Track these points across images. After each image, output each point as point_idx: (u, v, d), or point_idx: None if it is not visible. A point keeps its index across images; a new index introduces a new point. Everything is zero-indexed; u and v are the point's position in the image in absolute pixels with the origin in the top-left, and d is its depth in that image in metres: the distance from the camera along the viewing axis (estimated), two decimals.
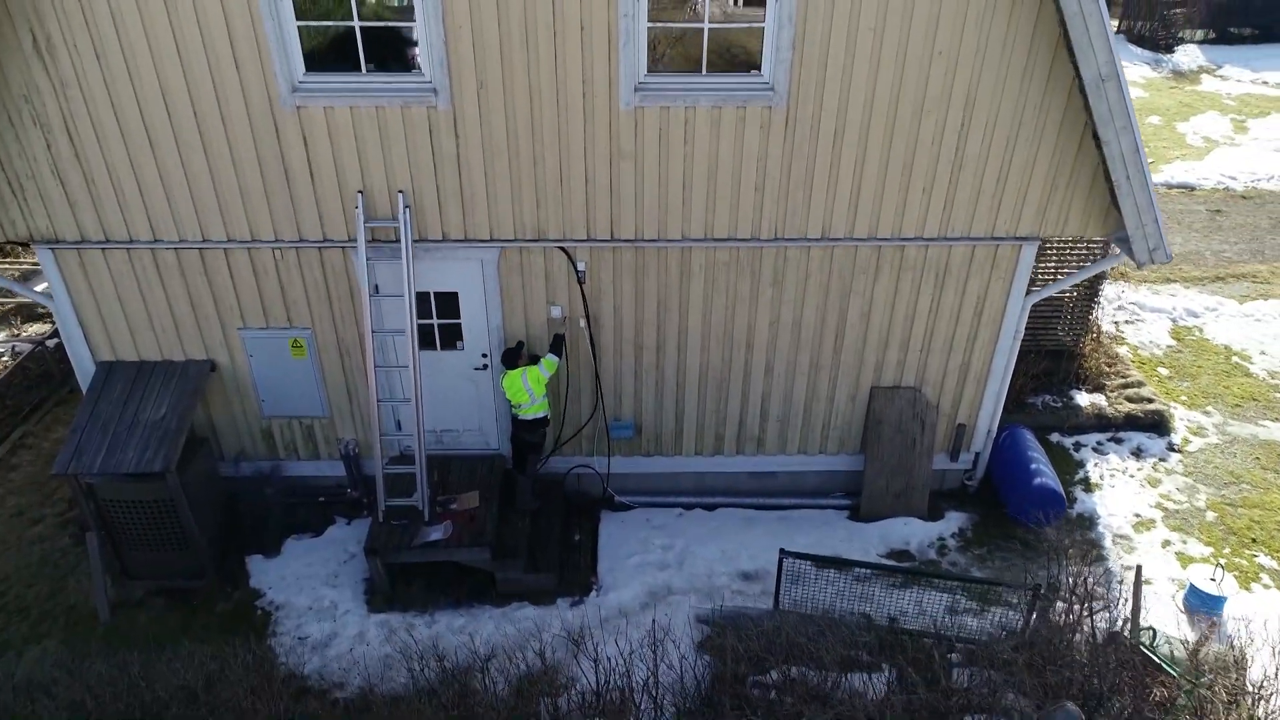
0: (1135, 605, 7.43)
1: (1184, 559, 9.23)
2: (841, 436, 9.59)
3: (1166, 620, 8.27)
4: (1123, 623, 7.66)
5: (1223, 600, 8.47)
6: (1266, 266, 14.62)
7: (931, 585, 8.36)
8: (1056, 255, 10.72)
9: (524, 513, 9.12)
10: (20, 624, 8.55)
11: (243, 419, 9.25)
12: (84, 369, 8.82)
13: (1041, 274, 10.53)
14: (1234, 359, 12.31)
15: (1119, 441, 10.80)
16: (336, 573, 9.01)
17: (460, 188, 7.93)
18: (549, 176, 7.89)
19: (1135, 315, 13.19)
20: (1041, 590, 7.53)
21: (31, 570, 9.15)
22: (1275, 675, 6.88)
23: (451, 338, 8.90)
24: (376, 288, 8.35)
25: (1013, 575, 8.96)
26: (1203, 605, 8.52)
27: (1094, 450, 10.70)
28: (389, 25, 7.46)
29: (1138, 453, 10.65)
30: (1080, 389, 11.33)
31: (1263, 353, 12.40)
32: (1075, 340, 11.40)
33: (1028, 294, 8.73)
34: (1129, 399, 11.11)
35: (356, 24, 7.25)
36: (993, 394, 9.34)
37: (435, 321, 8.76)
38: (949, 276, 8.58)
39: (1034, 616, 7.73)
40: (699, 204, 8.06)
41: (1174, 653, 7.58)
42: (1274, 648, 7.00)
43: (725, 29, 7.47)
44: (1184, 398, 11.55)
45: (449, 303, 8.69)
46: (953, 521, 9.69)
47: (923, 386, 9.26)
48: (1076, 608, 7.43)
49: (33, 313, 13.35)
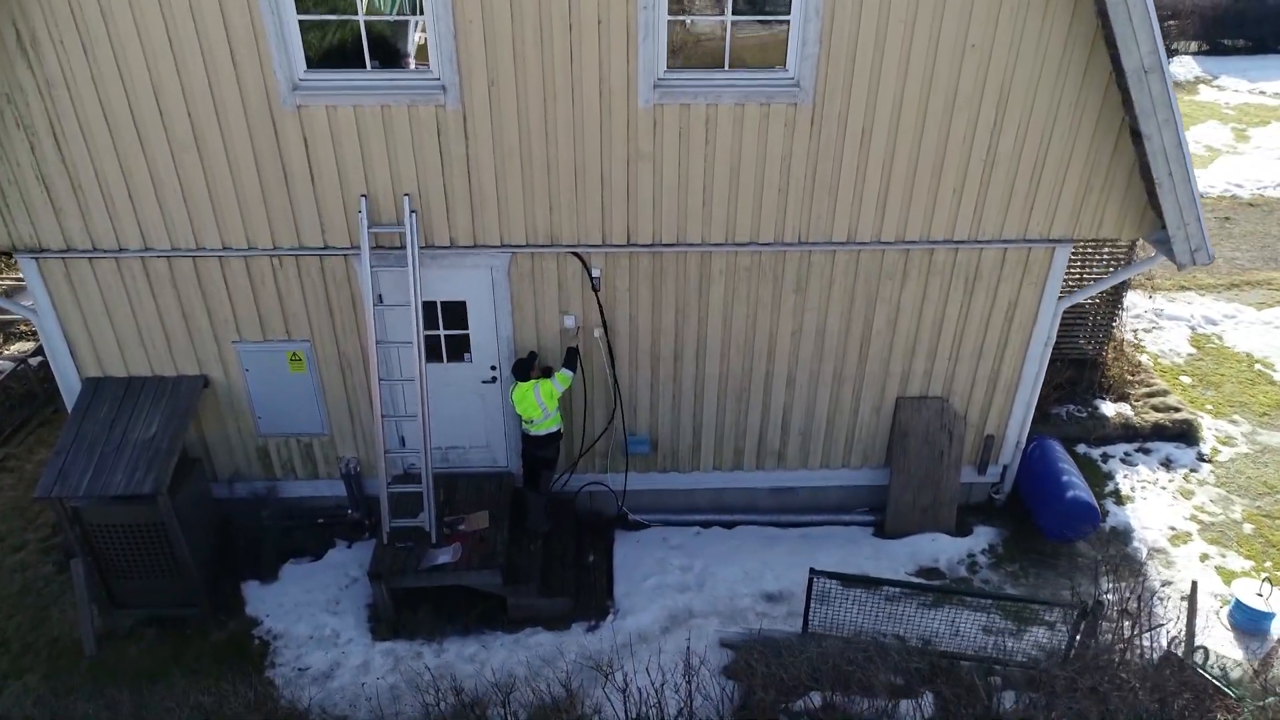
0: (1190, 623, 7.05)
1: (1224, 573, 8.86)
2: (865, 450, 9.19)
3: (1212, 638, 7.87)
4: (1173, 641, 7.27)
5: (1271, 616, 8.09)
6: None
7: (969, 605, 7.96)
8: (1081, 260, 10.40)
9: (535, 534, 8.67)
10: (1, 658, 8.01)
11: (237, 437, 8.77)
12: (69, 386, 8.34)
13: (1065, 279, 10.19)
14: (1256, 366, 12.01)
15: (1147, 452, 10.45)
16: (338, 599, 8.52)
17: (470, 191, 7.54)
18: (563, 178, 7.51)
19: (1153, 323, 12.90)
20: (1090, 608, 7.12)
21: (12, 600, 8.61)
22: None
23: (458, 349, 8.47)
24: (380, 297, 7.93)
25: (1050, 592, 8.57)
26: (1250, 621, 8.13)
27: (1122, 461, 10.35)
28: (395, 19, 7.09)
29: (1167, 464, 10.31)
30: (1104, 399, 10.99)
31: None
32: (1098, 349, 11.08)
33: (1060, 299, 8.39)
34: (1155, 408, 10.78)
35: (361, 17, 6.88)
36: (1023, 403, 8.98)
37: (442, 332, 8.34)
38: (979, 281, 8.23)
39: (1079, 636, 7.33)
40: (720, 207, 7.70)
41: (1227, 673, 7.20)
42: None
43: (749, 22, 7.13)
44: (1209, 407, 11.23)
45: (456, 313, 8.27)
46: (982, 537, 9.29)
47: (950, 396, 8.89)
48: (1127, 626, 7.04)
49: (15, 331, 12.84)
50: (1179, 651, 7.05)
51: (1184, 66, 24.72)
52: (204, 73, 6.93)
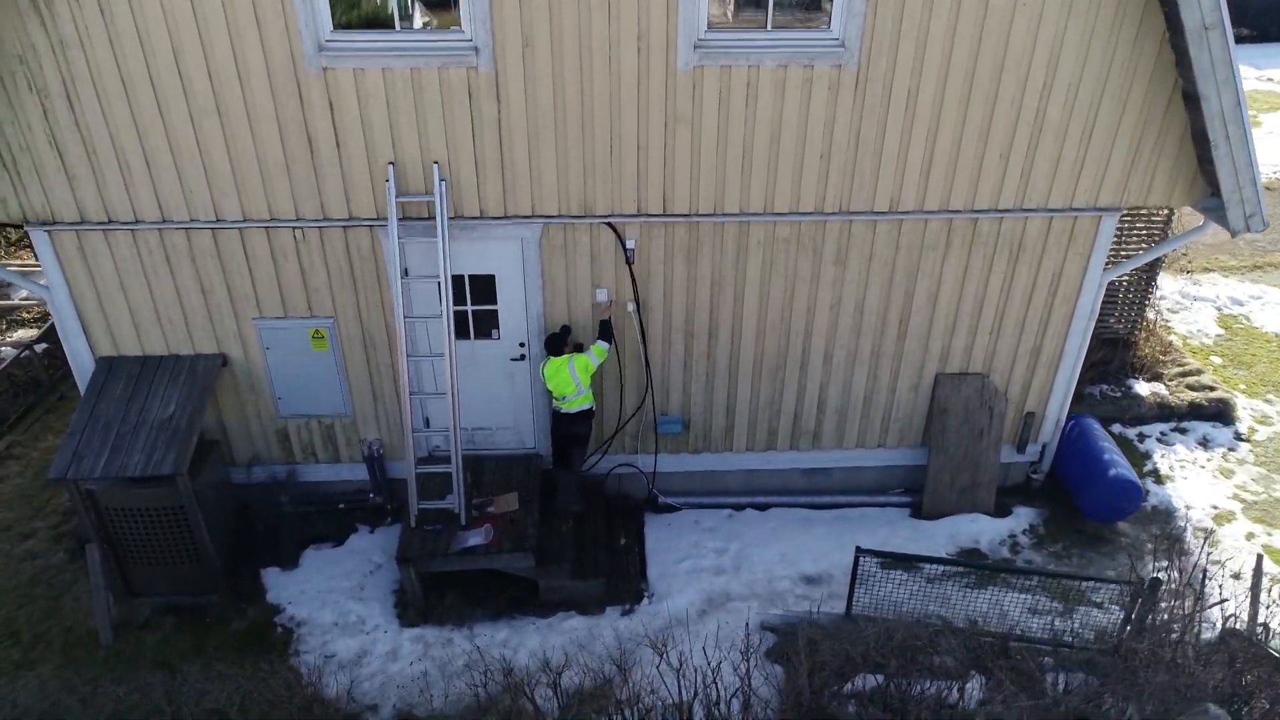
0: (1255, 599, 6.83)
1: (1272, 552, 8.65)
2: (902, 429, 8.95)
3: (1273, 616, 7.65)
4: (1229, 619, 7.05)
5: None
6: None
7: (1014, 585, 7.73)
8: (1117, 235, 10.17)
9: (566, 515, 8.39)
10: (11, 649, 7.69)
11: (256, 419, 8.47)
12: (82, 366, 8.02)
13: None
14: None
15: (1183, 432, 10.25)
16: (362, 585, 8.23)
17: (501, 158, 7.26)
18: (598, 145, 7.24)
19: (1179, 304, 12.71)
20: (1148, 585, 6.89)
21: (22, 590, 8.29)
22: None
23: (486, 326, 8.19)
24: (406, 270, 7.63)
25: (1096, 572, 8.33)
26: None
27: (1159, 441, 10.13)
28: None
29: (1205, 443, 10.10)
30: (1137, 378, 10.78)
31: None
32: (1130, 328, 10.86)
33: (1104, 270, 8.17)
34: (1190, 387, 10.58)
35: None
36: (1064, 380, 8.75)
37: (469, 308, 8.05)
38: (1023, 252, 7.99)
39: (1135, 615, 7.10)
40: (760, 175, 7.44)
41: None
42: None
43: None
44: (1242, 386, 11.03)
45: (485, 287, 7.99)
46: (1022, 518, 9.06)
47: (990, 373, 8.65)
48: (1185, 603, 6.81)
49: (17, 318, 12.50)
50: (1238, 628, 6.82)
51: None
52: (226, 33, 6.64)
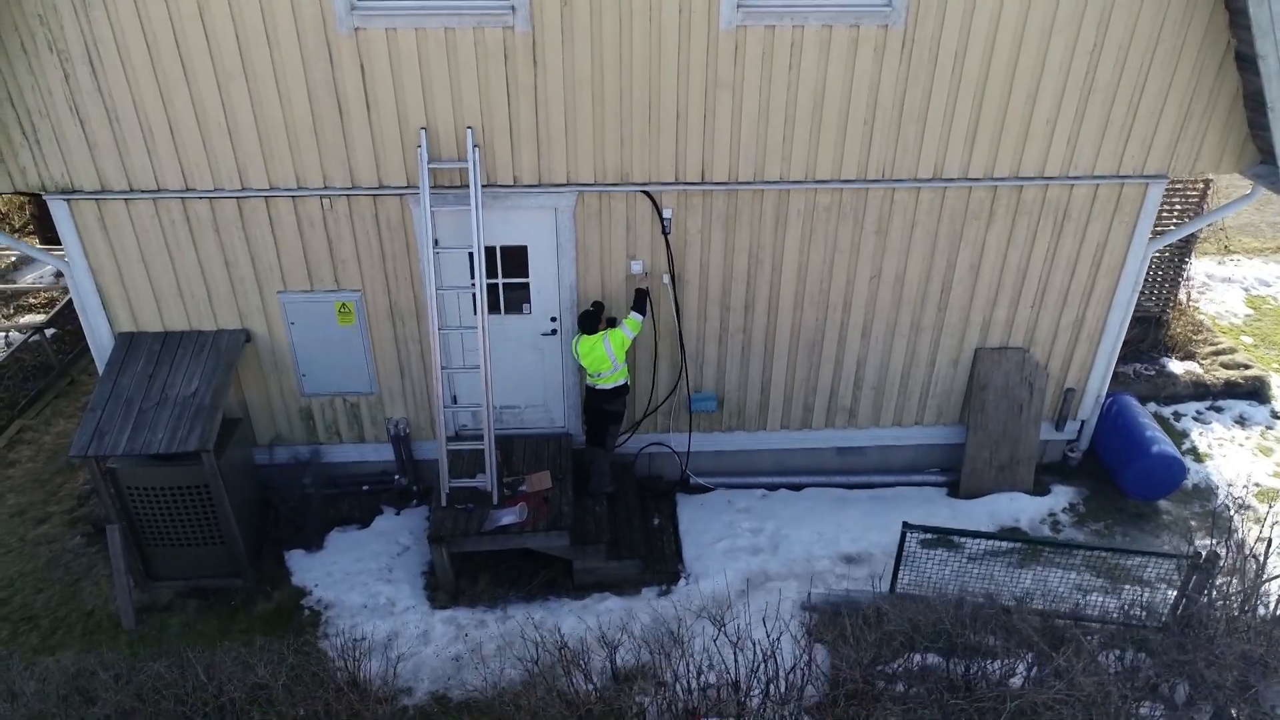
0: None
1: None
2: (940, 405, 8.76)
3: None
4: None
5: None
6: None
7: (1059, 564, 7.54)
8: None
9: (599, 494, 8.17)
10: (29, 634, 7.45)
11: (279, 398, 8.24)
12: (101, 342, 7.78)
13: None
14: None
15: (1219, 410, 10.08)
16: (390, 567, 8.00)
17: (536, 123, 7.05)
18: (636, 110, 7.03)
19: (1205, 285, 12.55)
20: (1205, 560, 6.71)
21: (39, 574, 8.05)
22: None
23: (517, 300, 7.98)
24: (436, 241, 7.41)
25: (1142, 549, 8.14)
26: None
27: (1195, 419, 9.96)
28: None
29: (1241, 421, 9.93)
30: (1170, 357, 10.61)
31: None
32: (1163, 307, 10.70)
33: (1149, 240, 7.99)
34: (1225, 365, 10.41)
35: None
36: (1106, 354, 8.57)
37: (500, 280, 7.84)
38: (1068, 221, 7.81)
39: (1190, 590, 6.92)
40: (801, 141, 7.24)
41: None
42: None
43: None
44: (1275, 365, 10.87)
45: (516, 259, 7.78)
46: (1061, 496, 8.88)
47: (1031, 347, 8.47)
48: (1245, 577, 6.63)
49: (24, 304, 12.24)
50: None
51: None
52: None
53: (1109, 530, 8.53)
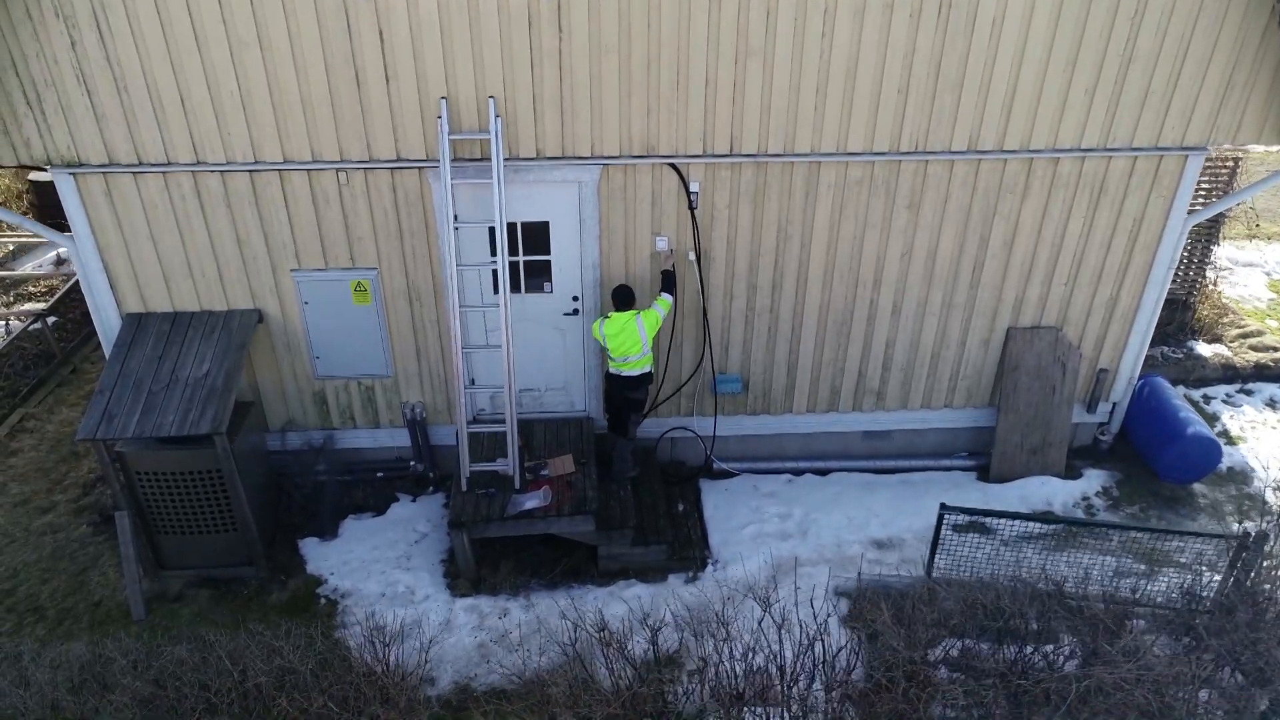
0: None
1: None
2: (970, 387, 8.54)
3: None
4: None
5: None
6: None
7: (1095, 549, 7.33)
8: None
9: (622, 480, 7.94)
10: (35, 625, 7.18)
11: (292, 381, 7.99)
12: (108, 323, 7.52)
13: None
14: None
15: (1249, 393, 9.89)
16: (408, 555, 7.76)
17: (561, 93, 6.81)
18: (664, 78, 6.80)
19: (1227, 269, 12.35)
20: (1253, 540, 6.50)
21: (44, 564, 7.78)
22: None
23: (538, 278, 7.74)
24: (455, 217, 7.17)
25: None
26: None
27: (1225, 402, 9.78)
28: None
29: (1272, 403, 9.75)
30: (1197, 340, 10.42)
31: None
32: (1189, 289, 10.50)
33: (1187, 215, 7.78)
34: (1253, 348, 10.23)
35: None
36: (1139, 334, 8.36)
37: (521, 258, 7.60)
38: (1104, 195, 7.60)
39: (1237, 571, 6.71)
40: (834, 111, 7.02)
41: None
42: None
43: None
44: None
45: (537, 236, 7.54)
46: (1093, 480, 8.67)
47: (1064, 326, 8.26)
48: None
49: (24, 292, 11.96)
50: None
51: None
52: None
53: (1144, 514, 8.33)
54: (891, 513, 8.17)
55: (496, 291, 7.52)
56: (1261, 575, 6.69)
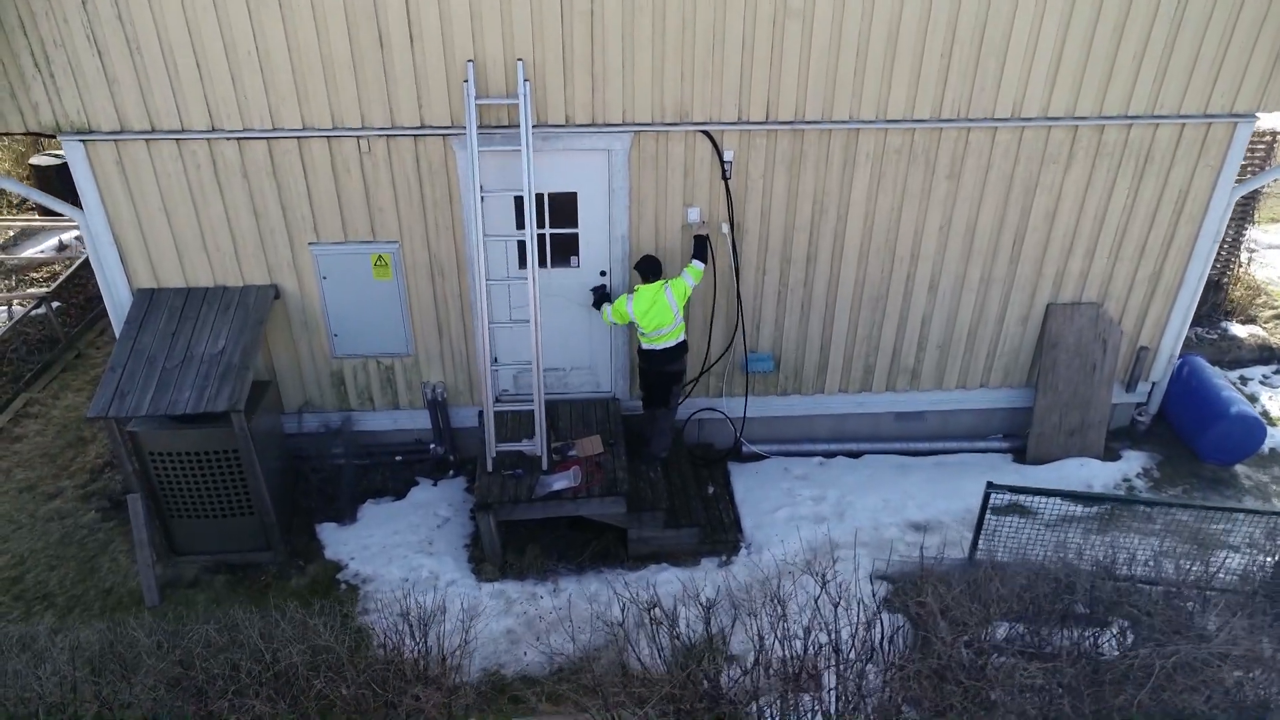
0: None
1: None
2: (1007, 366, 8.29)
3: None
4: None
5: None
6: None
7: (1138, 530, 7.08)
8: None
9: (653, 460, 7.67)
10: (44, 612, 6.90)
11: (309, 360, 7.71)
12: (119, 299, 7.23)
13: None
14: None
15: None
16: (430, 539, 7.49)
17: (592, 57, 6.55)
18: (699, 41, 6.54)
19: (1254, 251, 12.14)
20: None
21: (51, 551, 7.50)
22: None
23: (564, 252, 7.48)
24: (480, 186, 6.90)
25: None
26: None
27: (1262, 383, 9.55)
28: None
29: None
30: (1231, 320, 10.20)
31: None
32: (1222, 270, 10.27)
33: (1234, 186, 7.55)
34: None
35: None
36: (1182, 310, 8.12)
37: (548, 231, 7.33)
38: (1150, 164, 7.36)
39: None
40: (874, 76, 6.77)
41: None
42: None
43: None
44: None
45: (564, 208, 7.27)
46: (1133, 461, 8.43)
47: (1105, 302, 8.02)
48: None
49: (26, 278, 11.65)
50: None
51: None
52: None
53: (1188, 496, 8.09)
54: (928, 495, 7.92)
55: (522, 266, 7.25)
56: None
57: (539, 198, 7.14)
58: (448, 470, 8.22)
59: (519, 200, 6.92)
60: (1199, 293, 8.09)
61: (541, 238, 7.35)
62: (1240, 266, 10.56)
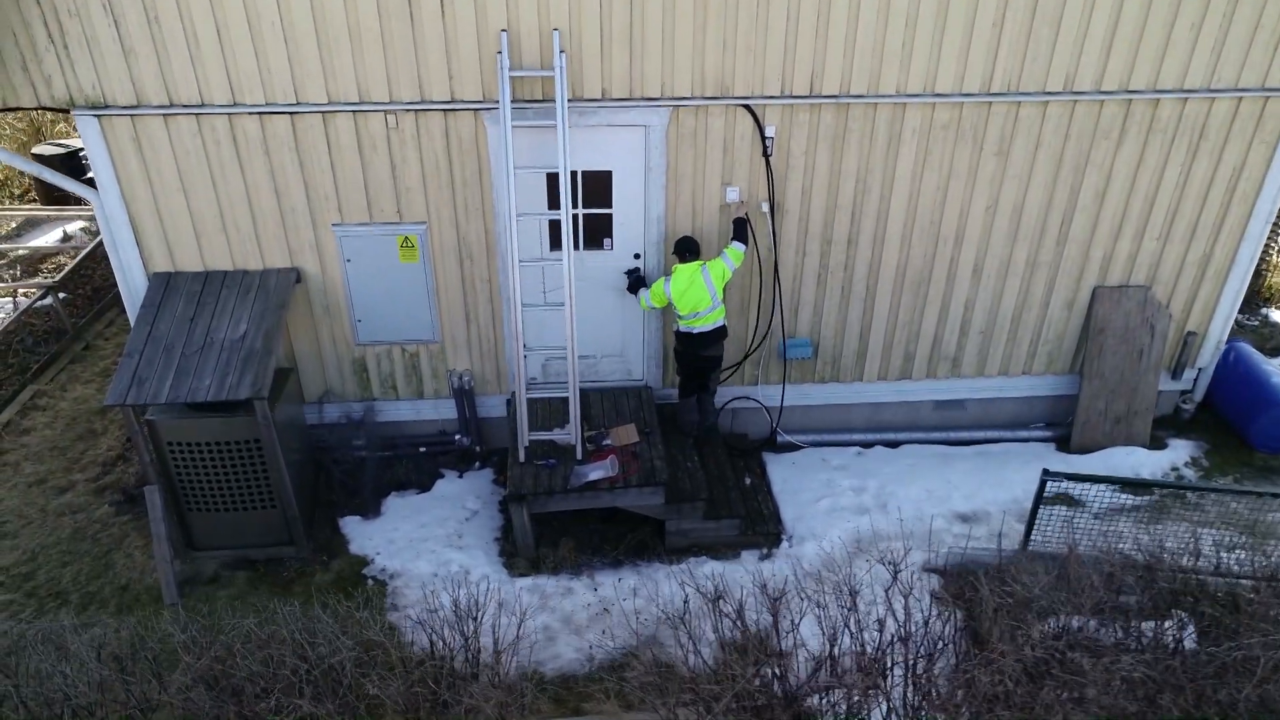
0: None
1: None
2: (1051, 352, 8.04)
3: None
4: None
5: None
6: None
7: (1189, 519, 6.83)
8: None
9: (683, 445, 7.39)
10: (57, 610, 6.60)
11: (331, 347, 7.42)
12: (134, 283, 6.93)
13: None
14: None
15: None
16: (459, 533, 7.21)
17: (630, 26, 6.28)
18: (743, 11, 6.27)
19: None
20: None
21: (64, 547, 7.20)
22: None
23: (597, 233, 7.20)
24: (513, 163, 6.61)
25: None
26: None
27: None
28: None
29: None
30: (1270, 307, 9.96)
31: None
32: (1261, 256, 10.00)
33: None
34: None
35: None
36: (1231, 294, 7.88)
37: (580, 211, 7.05)
38: (1204, 141, 7.11)
39: None
40: (923, 46, 6.50)
41: None
42: None
43: None
44: None
45: (597, 187, 7.00)
46: (1181, 450, 8.18)
47: (1153, 285, 7.76)
48: None
49: (31, 269, 11.35)
50: None
51: None
52: None
53: (1240, 484, 7.83)
54: (973, 485, 7.65)
55: (554, 247, 6.98)
56: None
57: (573, 177, 6.86)
58: (473, 462, 7.93)
59: (551, 178, 6.64)
60: (1249, 276, 7.85)
61: (575, 219, 7.07)
62: (1277, 254, 10.32)
